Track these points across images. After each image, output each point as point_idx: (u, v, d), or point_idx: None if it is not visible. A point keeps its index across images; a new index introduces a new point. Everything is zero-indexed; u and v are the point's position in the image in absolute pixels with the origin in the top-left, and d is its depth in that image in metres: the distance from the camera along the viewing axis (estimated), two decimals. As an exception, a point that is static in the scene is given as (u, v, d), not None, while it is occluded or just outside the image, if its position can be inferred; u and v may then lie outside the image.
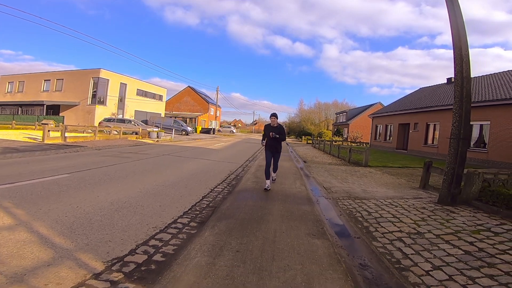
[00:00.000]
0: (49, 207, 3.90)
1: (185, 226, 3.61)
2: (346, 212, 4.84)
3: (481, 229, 4.09)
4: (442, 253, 3.23)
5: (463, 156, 5.34)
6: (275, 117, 6.41)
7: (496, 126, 14.33)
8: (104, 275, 2.33)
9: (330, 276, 2.64)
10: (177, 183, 6.27)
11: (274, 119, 6.39)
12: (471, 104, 5.56)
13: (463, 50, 5.64)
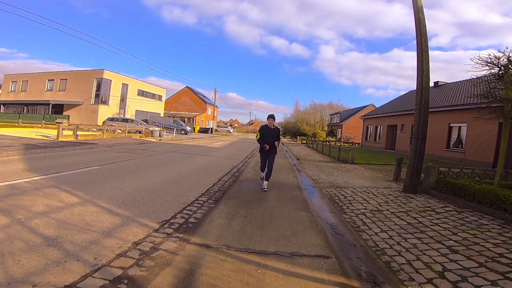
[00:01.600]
0: (99, 189, 5.11)
1: (205, 202, 4.86)
2: (327, 196, 6.13)
3: (428, 209, 5.39)
4: (391, 223, 4.50)
5: (422, 153, 6.64)
6: (273, 119, 6.36)
7: (472, 128, 15.73)
8: (160, 230, 3.54)
9: (309, 232, 3.90)
10: (190, 174, 7.51)
11: (272, 121, 6.35)
12: (428, 110, 6.86)
13: (424, 65, 6.96)
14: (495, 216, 4.98)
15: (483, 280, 2.72)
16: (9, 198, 4.20)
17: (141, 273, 2.45)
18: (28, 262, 2.40)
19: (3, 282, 2.07)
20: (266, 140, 6.29)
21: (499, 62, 6.21)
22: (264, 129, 6.43)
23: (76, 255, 2.63)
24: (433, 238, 3.90)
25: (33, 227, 3.19)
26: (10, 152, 9.40)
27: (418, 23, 7.41)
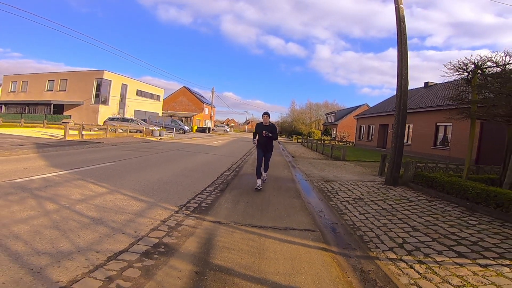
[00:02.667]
0: (120, 182, 5.91)
1: (212, 192, 5.69)
2: (317, 187, 6.98)
3: (403, 198, 6.27)
4: (369, 208, 5.36)
5: (401, 149, 7.53)
6: (267, 115, 6.47)
7: (457, 127, 16.71)
8: (180, 212, 4.35)
9: (300, 213, 4.74)
10: (196, 169, 8.32)
11: (267, 117, 6.45)
12: (407, 111, 7.72)
13: (403, 70, 7.82)
14: (459, 204, 5.86)
15: (432, 250, 3.55)
16: (48, 189, 4.99)
17: (173, 240, 3.27)
18: (86, 236, 3.19)
19: (75, 251, 2.84)
20: (262, 138, 6.45)
21: (467, 68, 7.09)
22: (259, 126, 6.57)
23: (120, 230, 3.43)
24: (401, 220, 4.76)
25: (78, 211, 3.99)
26: (24, 150, 10.12)
27: (399, 32, 8.27)
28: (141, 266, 2.60)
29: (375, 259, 3.22)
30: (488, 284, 2.69)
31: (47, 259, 2.53)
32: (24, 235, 2.99)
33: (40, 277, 2.24)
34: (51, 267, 2.40)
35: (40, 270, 2.34)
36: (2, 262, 2.40)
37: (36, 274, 2.27)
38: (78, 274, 2.34)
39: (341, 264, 3.06)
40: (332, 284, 2.62)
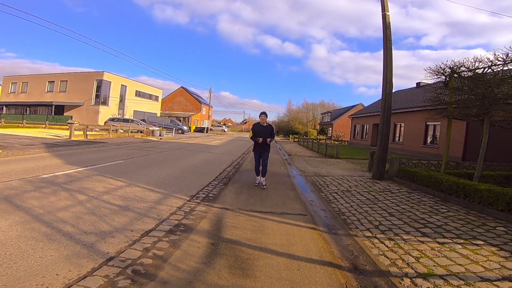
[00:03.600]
0: (135, 176, 6.61)
1: (217, 185, 6.42)
2: (310, 181, 7.74)
3: (386, 190, 7.03)
4: (354, 198, 6.11)
5: (386, 146, 8.29)
6: (265, 115, 6.43)
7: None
8: (191, 200, 5.07)
9: (294, 202, 5.49)
10: (199, 166, 9.04)
11: (264, 117, 6.42)
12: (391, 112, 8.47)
13: (388, 75, 8.58)
14: (434, 195, 6.63)
15: (401, 231, 4.28)
16: (73, 183, 5.69)
17: (189, 222, 3.99)
18: (119, 219, 3.89)
19: (114, 230, 3.52)
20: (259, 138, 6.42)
21: (444, 72, 7.86)
22: (257, 127, 6.47)
23: (145, 215, 4.15)
24: (381, 207, 5.52)
25: (106, 200, 4.70)
26: (36, 150, 10.77)
27: (385, 38, 9.01)
28: (168, 240, 3.32)
29: (354, 236, 3.96)
30: (441, 256, 3.42)
31: (94, 237, 3.23)
32: (69, 220, 3.69)
33: (93, 250, 2.93)
34: (99, 243, 3.10)
35: (92, 245, 3.03)
36: (61, 240, 3.09)
37: (90, 248, 2.96)
38: (121, 247, 3.04)
39: (326, 239, 3.80)
40: (318, 252, 3.36)
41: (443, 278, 2.82)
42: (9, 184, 5.22)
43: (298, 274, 2.76)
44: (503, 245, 3.78)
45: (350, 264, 3.14)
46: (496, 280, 2.81)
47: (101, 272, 2.47)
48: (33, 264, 2.47)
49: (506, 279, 2.87)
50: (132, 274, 2.49)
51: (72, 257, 2.68)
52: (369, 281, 2.78)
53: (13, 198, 4.34)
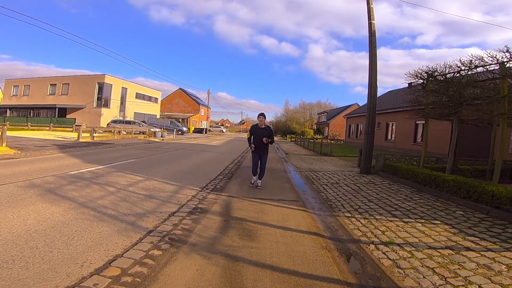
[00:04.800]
0: (150, 172, 7.53)
1: (222, 179, 7.36)
2: (304, 176, 8.70)
3: (370, 183, 8.00)
4: (341, 189, 7.07)
5: (371, 144, 9.27)
6: (263, 116, 6.35)
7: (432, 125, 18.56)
8: (202, 191, 6.00)
9: (289, 192, 6.44)
10: (204, 163, 9.98)
11: (262, 118, 6.33)
12: (376, 112, 9.44)
13: (373, 79, 9.54)
14: (412, 186, 7.60)
15: (376, 212, 5.22)
16: (99, 178, 6.60)
17: (204, 206, 4.93)
18: (148, 205, 4.82)
19: (146, 212, 4.42)
20: (258, 140, 6.29)
21: (422, 76, 8.84)
22: (255, 129, 6.41)
23: (168, 201, 5.08)
24: (363, 196, 6.48)
25: (132, 191, 5.62)
26: (50, 151, 11.65)
27: (370, 45, 9.96)
28: (190, 218, 4.26)
29: (336, 216, 4.92)
30: (402, 231, 4.34)
31: (133, 217, 4.14)
32: (109, 206, 4.60)
33: (136, 226, 3.84)
34: (139, 221, 4.01)
35: (133, 223, 3.94)
36: (109, 220, 3.98)
37: (133, 225, 3.87)
38: (156, 224, 3.95)
39: (314, 218, 4.76)
40: (306, 226, 4.31)
41: (399, 246, 3.76)
42: (46, 179, 6.12)
43: (290, 239, 3.71)
44: (456, 224, 4.72)
45: (330, 234, 4.09)
46: (440, 248, 3.74)
47: (147, 240, 3.39)
48: (96, 237, 3.37)
49: (448, 248, 3.80)
50: (169, 241, 3.42)
51: (122, 231, 3.60)
52: (343, 246, 3.72)
53: (55, 190, 5.26)
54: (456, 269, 3.07)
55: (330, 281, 2.76)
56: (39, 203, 4.40)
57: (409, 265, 3.15)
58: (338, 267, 3.07)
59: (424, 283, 2.77)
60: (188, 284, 2.49)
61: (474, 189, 5.83)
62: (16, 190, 5.05)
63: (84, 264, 2.67)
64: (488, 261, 3.26)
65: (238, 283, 2.56)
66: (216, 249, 3.26)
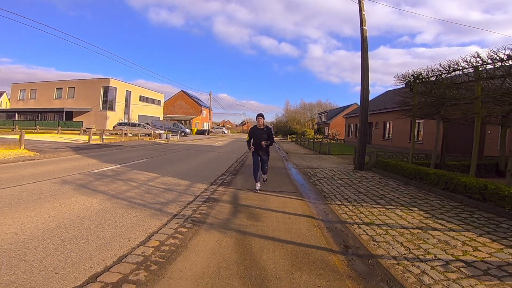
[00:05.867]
0: (164, 171, 8.38)
1: (228, 175, 8.21)
2: (303, 172, 9.53)
3: (363, 177, 8.82)
4: (335, 183, 7.90)
5: (365, 142, 10.09)
6: (262, 117, 6.33)
7: (427, 124, 19.43)
8: (212, 185, 6.84)
9: (289, 185, 7.27)
10: (210, 162, 10.83)
11: (261, 119, 6.31)
12: (368, 113, 10.26)
13: (365, 82, 10.36)
14: (400, 180, 8.41)
15: (362, 201, 6.03)
16: (120, 175, 7.45)
17: (216, 196, 5.77)
18: (168, 196, 5.65)
19: (168, 202, 5.26)
20: (257, 142, 6.26)
21: (409, 78, 9.66)
22: (254, 130, 6.39)
23: (184, 193, 5.92)
24: (354, 188, 7.31)
25: (152, 185, 6.46)
26: (66, 152, 12.51)
27: (363, 50, 10.78)
28: (205, 205, 5.10)
29: (328, 204, 5.75)
30: (383, 215, 5.13)
31: (159, 205, 4.98)
32: (136, 197, 5.45)
33: (162, 211, 4.67)
34: (164, 208, 4.85)
35: (160, 209, 4.77)
36: (139, 208, 4.82)
37: (160, 211, 4.70)
38: (178, 210, 4.79)
39: (309, 205, 5.59)
40: (302, 211, 5.13)
41: (378, 226, 4.58)
42: (75, 177, 6.98)
43: (288, 220, 4.55)
44: (430, 210, 5.51)
45: (322, 217, 4.92)
46: (411, 228, 4.52)
47: (173, 221, 4.22)
48: (133, 220, 4.19)
49: (418, 228, 4.60)
50: (191, 222, 4.26)
51: (153, 216, 4.43)
52: (331, 225, 4.55)
53: (87, 186, 6.11)
54: (420, 243, 3.87)
55: (319, 248, 3.59)
56: (77, 196, 5.25)
57: (383, 240, 3.97)
58: (326, 239, 3.90)
59: (392, 252, 3.58)
60: (211, 249, 3.33)
61: (451, 181, 6.64)
62: (54, 186, 5.90)
63: (131, 239, 3.50)
64: (448, 238, 4.06)
65: (248, 249, 3.40)
66: (229, 226, 4.10)
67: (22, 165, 8.57)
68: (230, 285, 2.58)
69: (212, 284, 2.57)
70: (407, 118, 21.38)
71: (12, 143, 13.02)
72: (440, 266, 3.16)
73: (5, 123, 32.90)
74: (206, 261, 3.03)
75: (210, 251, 3.29)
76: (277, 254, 3.31)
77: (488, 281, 2.81)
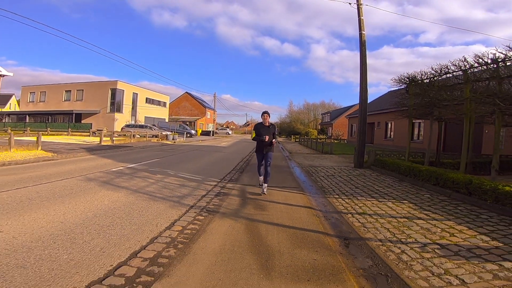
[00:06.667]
0: (176, 169, 9.06)
1: (235, 173, 8.87)
2: (305, 170, 10.16)
3: (361, 175, 9.42)
4: (335, 180, 8.51)
5: (364, 141, 10.68)
6: (267, 114, 6.28)
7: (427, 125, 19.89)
8: (221, 181, 7.49)
9: (291, 182, 7.91)
10: (218, 161, 11.50)
11: (267, 116, 6.26)
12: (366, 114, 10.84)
13: (363, 85, 10.93)
14: (395, 177, 9.00)
15: (358, 195, 6.64)
16: (137, 173, 8.14)
17: (225, 191, 6.42)
18: (183, 190, 6.32)
19: (184, 195, 5.93)
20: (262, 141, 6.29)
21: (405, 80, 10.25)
22: (259, 127, 6.39)
23: (197, 188, 6.58)
24: (352, 184, 7.92)
25: (168, 182, 7.13)
26: (81, 153, 13.23)
27: (361, 54, 11.35)
28: (217, 198, 5.75)
29: (327, 197, 6.37)
30: (375, 207, 5.74)
31: (176, 198, 5.64)
32: (155, 192, 6.12)
33: (180, 203, 5.33)
34: (181, 200, 5.51)
35: (178, 201, 5.43)
36: (160, 200, 5.48)
37: (178, 203, 5.36)
38: (194, 202, 5.45)
39: (309, 198, 6.22)
40: (303, 203, 5.77)
41: (369, 215, 5.18)
42: (96, 175, 7.68)
43: (290, 210, 5.19)
44: (419, 203, 6.09)
45: (320, 208, 5.55)
46: (399, 218, 5.11)
47: (191, 211, 4.88)
48: (157, 210, 4.85)
49: (405, 217, 5.19)
50: (206, 211, 4.91)
51: (173, 207, 5.09)
52: (328, 214, 5.17)
53: (110, 182, 6.80)
54: (404, 230, 4.47)
55: (316, 232, 4.22)
56: (104, 191, 5.93)
57: (372, 226, 4.58)
58: (323, 225, 4.53)
59: (379, 236, 4.19)
60: (225, 232, 3.98)
61: (440, 176, 7.23)
62: (80, 183, 6.60)
63: (158, 225, 4.15)
64: (429, 226, 4.65)
65: (256, 232, 4.04)
66: (239, 215, 4.76)
67: (44, 165, 9.29)
68: (243, 258, 3.23)
69: (229, 257, 3.22)
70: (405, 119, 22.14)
71: (30, 144, 13.80)
72: (418, 248, 3.75)
73: (17, 125, 33.94)
74: (222, 241, 3.68)
75: (225, 233, 3.94)
76: (281, 236, 3.95)
77: (456, 260, 3.38)
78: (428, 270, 3.11)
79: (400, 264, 3.27)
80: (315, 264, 3.18)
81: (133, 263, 2.96)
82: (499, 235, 4.23)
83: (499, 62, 6.93)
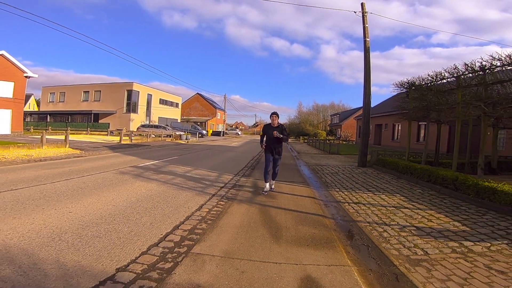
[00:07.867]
0: (195, 165, 10.12)
1: (247, 170, 9.88)
2: (311, 168, 11.09)
3: (362, 173, 10.30)
4: (338, 176, 9.43)
5: (366, 142, 11.54)
6: (276, 115, 6.32)
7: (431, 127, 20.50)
8: (236, 176, 8.50)
9: (298, 178, 8.87)
10: (231, 160, 12.54)
11: (275, 117, 6.31)
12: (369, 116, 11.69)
13: (367, 89, 11.80)
14: (394, 175, 9.84)
15: (357, 189, 7.57)
16: (161, 168, 9.23)
17: (240, 184, 7.43)
18: (205, 183, 7.35)
19: (206, 186, 6.95)
20: (270, 140, 6.35)
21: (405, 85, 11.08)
22: (268, 128, 6.42)
23: (216, 181, 7.61)
24: (353, 180, 8.82)
25: (190, 175, 8.19)
26: (105, 151, 14.42)
27: (365, 60, 12.21)
28: (234, 190, 6.76)
29: (329, 190, 7.31)
30: (370, 198, 6.63)
31: (200, 188, 6.67)
32: (181, 183, 7.18)
33: (204, 192, 6.34)
34: (205, 190, 6.54)
35: (202, 191, 6.46)
36: (186, 189, 6.53)
37: (202, 192, 6.38)
38: (215, 191, 6.46)
39: (313, 191, 7.17)
40: (307, 194, 6.72)
41: (363, 204, 6.10)
42: (127, 169, 8.79)
43: (296, 199, 6.16)
44: (409, 196, 6.96)
45: (322, 198, 6.50)
46: (388, 207, 6.01)
47: (214, 198, 5.89)
48: (186, 197, 5.88)
49: (393, 207, 6.08)
50: (226, 198, 5.92)
51: (198, 195, 6.13)
52: (328, 203, 6.11)
53: (141, 175, 7.89)
54: (390, 215, 5.37)
55: (316, 215, 5.18)
56: (137, 182, 7.01)
57: (364, 212, 5.50)
58: (322, 211, 5.49)
59: (368, 219, 5.11)
60: (243, 213, 4.98)
61: (432, 174, 8.07)
62: (116, 175, 7.70)
63: (189, 208, 5.17)
64: (412, 213, 5.52)
65: (267, 214, 5.03)
66: (253, 202, 5.76)
67: (76, 161, 10.45)
68: (258, 230, 4.22)
69: (247, 229, 4.21)
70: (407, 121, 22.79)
71: (58, 142, 15.08)
72: (398, 228, 4.65)
73: (38, 124, 35.81)
74: (240, 219, 4.68)
75: (242, 214, 4.94)
76: (287, 216, 4.93)
77: (426, 238, 4.25)
78: (401, 244, 4.01)
79: (380, 239, 4.18)
80: (314, 235, 4.14)
81: (177, 233, 3.93)
82: (470, 222, 5.06)
83: (486, 70, 7.74)
